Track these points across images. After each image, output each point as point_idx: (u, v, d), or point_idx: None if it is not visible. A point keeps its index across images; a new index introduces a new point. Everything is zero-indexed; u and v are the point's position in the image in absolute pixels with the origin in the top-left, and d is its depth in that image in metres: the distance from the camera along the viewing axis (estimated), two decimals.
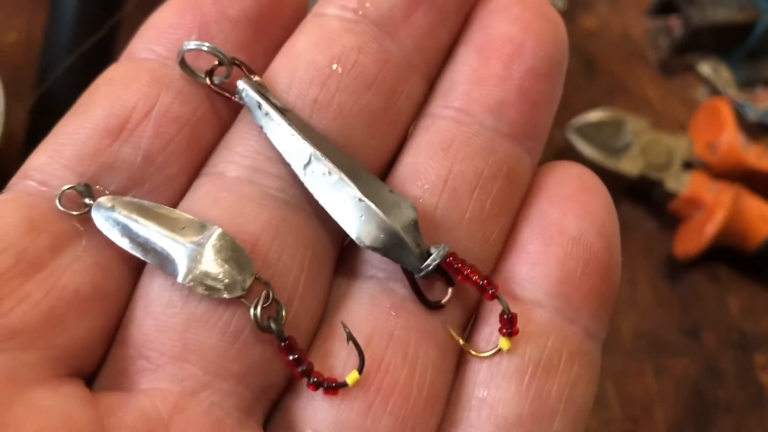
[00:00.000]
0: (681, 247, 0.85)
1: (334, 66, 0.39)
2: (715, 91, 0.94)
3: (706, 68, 0.95)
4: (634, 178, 0.86)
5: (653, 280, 0.84)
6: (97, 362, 0.36)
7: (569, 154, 0.86)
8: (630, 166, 0.86)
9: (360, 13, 0.40)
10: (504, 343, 0.37)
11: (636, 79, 0.95)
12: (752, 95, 0.93)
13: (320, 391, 0.35)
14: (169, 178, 0.38)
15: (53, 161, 0.37)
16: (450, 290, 0.38)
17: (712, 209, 0.83)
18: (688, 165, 0.87)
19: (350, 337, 0.36)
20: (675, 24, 0.96)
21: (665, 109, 0.93)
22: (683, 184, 0.85)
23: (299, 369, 0.35)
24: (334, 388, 0.35)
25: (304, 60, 0.39)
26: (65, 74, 0.71)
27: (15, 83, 0.74)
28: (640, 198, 0.88)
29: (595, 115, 0.87)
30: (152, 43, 0.40)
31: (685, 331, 0.82)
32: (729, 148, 0.85)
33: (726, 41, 0.94)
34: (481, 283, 0.37)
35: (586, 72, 0.94)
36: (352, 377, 0.35)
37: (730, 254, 0.85)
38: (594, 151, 0.86)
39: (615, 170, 0.85)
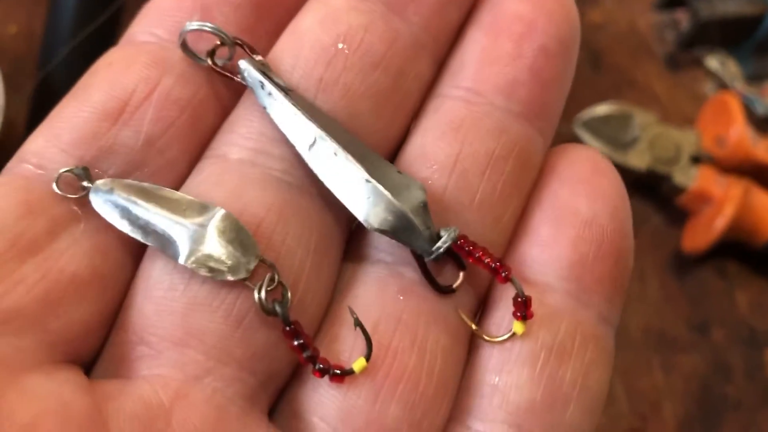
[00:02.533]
0: (689, 242, 0.84)
1: (340, 45, 0.38)
2: (722, 86, 0.94)
3: (713, 62, 0.94)
4: (641, 173, 0.85)
5: (661, 275, 0.84)
6: (96, 349, 0.36)
7: None
8: (637, 160, 0.85)
9: None
10: (518, 327, 0.36)
11: (643, 73, 0.94)
12: (761, 89, 0.92)
13: (326, 378, 0.34)
14: (170, 162, 0.37)
15: (51, 145, 0.36)
16: (461, 274, 0.37)
17: (721, 204, 0.82)
18: (696, 159, 0.86)
19: (357, 323, 0.35)
20: (682, 17, 0.95)
21: (672, 104, 0.93)
22: (691, 179, 0.84)
23: (304, 355, 0.34)
24: (340, 375, 0.34)
25: (309, 39, 0.38)
26: (65, 61, 0.71)
27: (15, 75, 0.73)
28: (647, 192, 0.87)
29: (602, 109, 0.86)
30: (152, 26, 0.39)
31: (694, 326, 0.81)
32: (738, 143, 0.84)
33: (734, 35, 0.93)
34: (493, 266, 0.36)
35: (592, 66, 0.93)
36: (359, 364, 0.34)
37: (739, 249, 0.84)
38: (601, 145, 0.85)
39: (622, 164, 0.85)
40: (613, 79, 0.93)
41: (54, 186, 0.35)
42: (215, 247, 0.34)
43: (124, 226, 0.35)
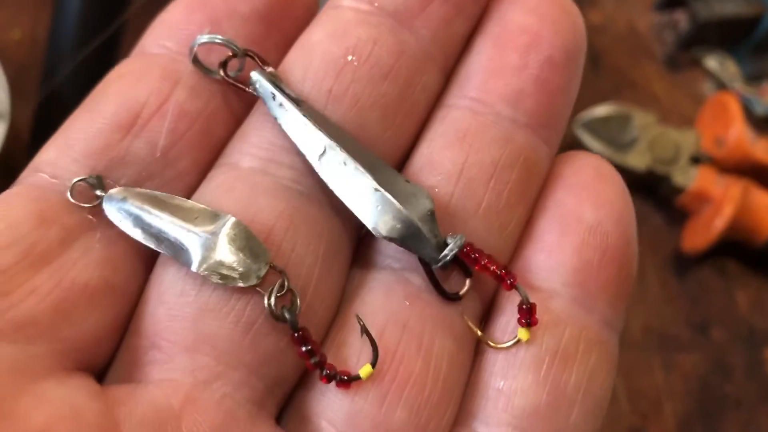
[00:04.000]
0: (689, 241, 0.85)
1: (350, 57, 0.38)
2: (721, 86, 0.94)
3: (712, 62, 0.95)
4: (641, 173, 0.85)
5: (661, 275, 0.84)
6: (107, 357, 0.36)
7: (576, 149, 0.85)
8: (637, 160, 0.85)
9: (376, 4, 0.40)
10: (523, 333, 0.36)
11: (642, 74, 0.94)
12: (759, 89, 0.93)
13: (333, 383, 0.35)
14: (180, 173, 0.38)
15: (64, 155, 0.37)
16: (468, 281, 0.38)
17: (720, 204, 0.82)
18: (696, 159, 0.86)
19: (364, 330, 0.36)
20: (681, 18, 0.95)
21: (672, 104, 0.93)
22: (691, 179, 0.85)
23: (312, 361, 0.35)
24: (346, 381, 0.35)
25: (319, 51, 0.39)
26: (70, 74, 0.71)
27: (20, 81, 0.74)
28: (647, 193, 0.88)
29: (601, 110, 0.86)
30: (163, 39, 0.40)
31: (694, 326, 0.82)
32: (736, 143, 0.85)
33: (732, 35, 0.94)
34: (499, 273, 0.37)
35: (592, 67, 0.93)
36: (365, 370, 0.35)
37: (739, 249, 0.85)
38: (601, 146, 0.85)
39: (622, 165, 0.85)
40: (612, 79, 0.94)
41: (68, 195, 0.36)
42: (226, 254, 0.35)
43: (137, 234, 0.36)
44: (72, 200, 0.35)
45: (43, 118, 0.73)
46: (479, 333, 0.38)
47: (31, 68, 0.79)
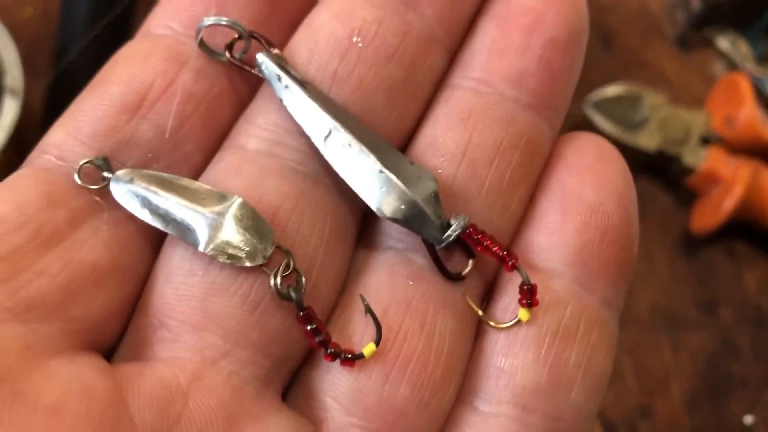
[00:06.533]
0: (698, 222, 0.85)
1: (355, 39, 0.39)
2: (733, 66, 0.94)
3: (724, 43, 0.94)
4: (651, 153, 0.85)
5: (670, 255, 0.84)
6: (115, 336, 0.37)
7: (586, 128, 0.85)
8: (647, 140, 0.85)
9: None
10: (524, 314, 0.37)
11: (653, 54, 0.94)
12: None
13: (338, 361, 0.36)
14: (186, 155, 0.38)
15: (71, 137, 0.37)
16: (471, 262, 0.38)
17: (730, 184, 0.82)
18: (706, 140, 0.86)
19: (368, 310, 0.36)
20: None
21: (683, 84, 0.93)
22: (701, 159, 0.84)
23: (317, 339, 0.35)
24: (350, 359, 0.35)
25: (324, 33, 0.39)
26: (83, 50, 0.71)
27: (32, 58, 0.74)
28: (657, 173, 0.87)
29: (612, 90, 0.86)
30: (168, 20, 0.40)
31: (702, 306, 0.82)
32: (747, 123, 0.84)
33: (744, 15, 0.93)
34: (501, 254, 0.37)
35: (603, 46, 0.93)
36: (368, 349, 0.35)
37: (748, 230, 0.85)
38: (611, 125, 0.85)
39: (632, 145, 0.85)
40: (623, 59, 0.93)
41: (75, 177, 0.36)
42: (233, 234, 0.35)
43: (144, 215, 0.36)
44: (79, 182, 0.36)
45: (56, 94, 0.73)
46: (480, 313, 0.38)
47: (44, 45, 0.79)
